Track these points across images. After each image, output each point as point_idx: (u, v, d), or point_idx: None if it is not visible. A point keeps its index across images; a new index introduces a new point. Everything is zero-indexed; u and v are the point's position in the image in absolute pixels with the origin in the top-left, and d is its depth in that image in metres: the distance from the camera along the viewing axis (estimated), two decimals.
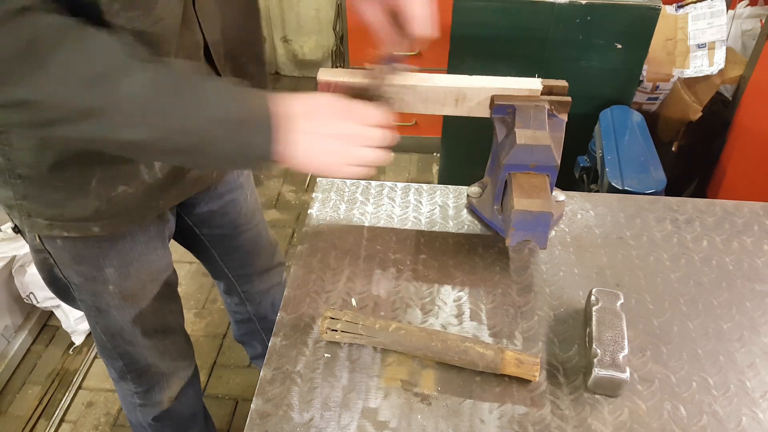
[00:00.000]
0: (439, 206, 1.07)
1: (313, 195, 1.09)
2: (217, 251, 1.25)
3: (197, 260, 1.32)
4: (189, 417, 1.33)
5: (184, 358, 1.23)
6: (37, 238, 0.92)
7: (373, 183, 1.11)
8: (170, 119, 0.65)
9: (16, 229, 0.96)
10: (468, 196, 1.06)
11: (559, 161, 0.86)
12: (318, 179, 1.12)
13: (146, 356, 1.13)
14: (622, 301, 0.82)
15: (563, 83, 0.89)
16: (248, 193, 1.21)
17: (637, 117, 1.80)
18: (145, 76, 0.63)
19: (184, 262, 2.21)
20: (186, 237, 1.21)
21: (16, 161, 0.80)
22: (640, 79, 1.94)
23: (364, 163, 0.76)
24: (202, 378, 1.86)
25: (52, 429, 1.73)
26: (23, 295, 1.88)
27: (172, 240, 1.12)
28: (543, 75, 0.91)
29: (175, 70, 0.67)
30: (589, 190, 1.78)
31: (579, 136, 1.83)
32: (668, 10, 1.94)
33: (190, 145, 0.68)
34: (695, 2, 1.93)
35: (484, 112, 0.90)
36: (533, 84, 0.89)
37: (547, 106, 0.88)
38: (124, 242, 0.95)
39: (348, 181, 1.11)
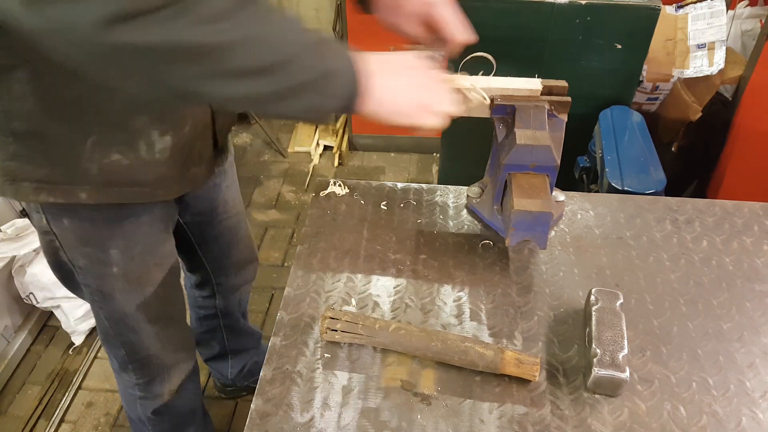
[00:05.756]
0: (439, 206, 1.07)
1: (313, 195, 1.09)
2: (196, 239, 1.27)
3: None
4: (188, 413, 1.34)
5: (185, 349, 1.25)
6: (44, 220, 0.92)
7: (374, 183, 1.11)
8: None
9: (24, 213, 0.95)
10: (468, 196, 1.06)
11: (559, 161, 0.86)
12: (317, 179, 1.12)
13: (148, 345, 1.14)
14: (621, 301, 0.82)
15: (563, 83, 0.89)
16: (230, 180, 1.24)
17: (636, 117, 1.80)
18: (254, 15, 0.63)
19: None
20: None
21: (13, 112, 0.78)
22: (640, 79, 1.94)
23: (439, 112, 0.77)
24: (202, 378, 1.85)
25: (52, 429, 1.73)
26: (23, 296, 1.88)
27: None
28: (543, 75, 0.91)
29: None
30: (589, 191, 1.78)
31: (579, 136, 1.83)
32: (668, 10, 1.94)
33: (279, 63, 0.65)
34: (695, 2, 1.92)
35: (484, 112, 0.90)
36: (533, 84, 0.89)
37: (547, 106, 0.88)
38: (128, 223, 0.96)
39: (348, 182, 1.11)
